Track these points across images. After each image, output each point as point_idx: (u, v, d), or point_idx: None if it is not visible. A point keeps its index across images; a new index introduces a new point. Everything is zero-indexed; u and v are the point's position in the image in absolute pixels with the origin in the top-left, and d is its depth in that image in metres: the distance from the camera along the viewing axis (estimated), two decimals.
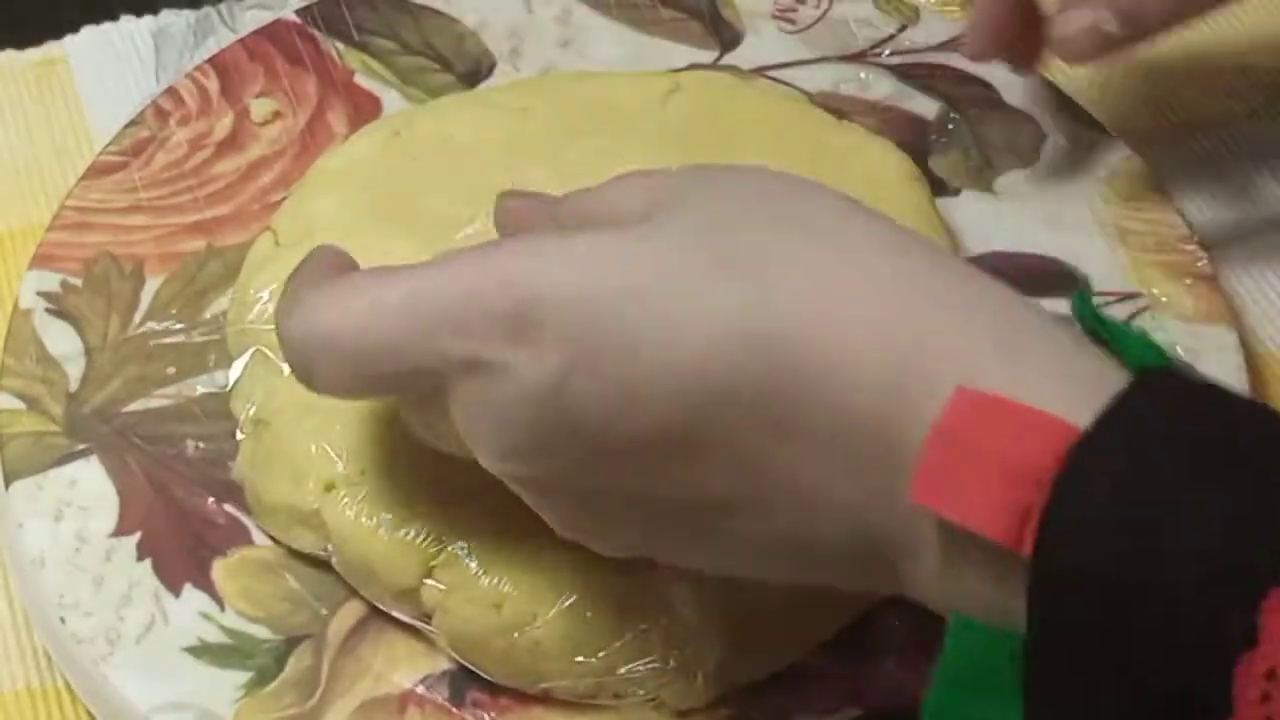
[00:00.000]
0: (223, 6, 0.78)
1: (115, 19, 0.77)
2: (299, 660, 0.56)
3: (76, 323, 0.63)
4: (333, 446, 0.57)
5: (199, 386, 0.62)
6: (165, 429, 0.61)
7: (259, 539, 0.58)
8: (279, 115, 0.70)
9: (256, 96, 0.70)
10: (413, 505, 0.56)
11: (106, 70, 0.75)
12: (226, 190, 0.67)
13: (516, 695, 0.55)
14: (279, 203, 0.66)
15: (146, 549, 0.58)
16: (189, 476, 0.60)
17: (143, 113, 0.69)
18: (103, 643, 0.56)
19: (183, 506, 0.59)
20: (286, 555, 0.58)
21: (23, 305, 0.64)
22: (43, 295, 0.64)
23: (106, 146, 0.69)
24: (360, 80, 0.71)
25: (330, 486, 0.57)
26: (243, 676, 0.55)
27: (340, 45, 0.72)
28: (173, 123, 0.69)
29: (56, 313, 0.63)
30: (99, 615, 0.57)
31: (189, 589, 0.57)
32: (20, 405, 0.61)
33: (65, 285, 0.64)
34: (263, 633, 0.56)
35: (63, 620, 0.57)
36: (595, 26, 0.73)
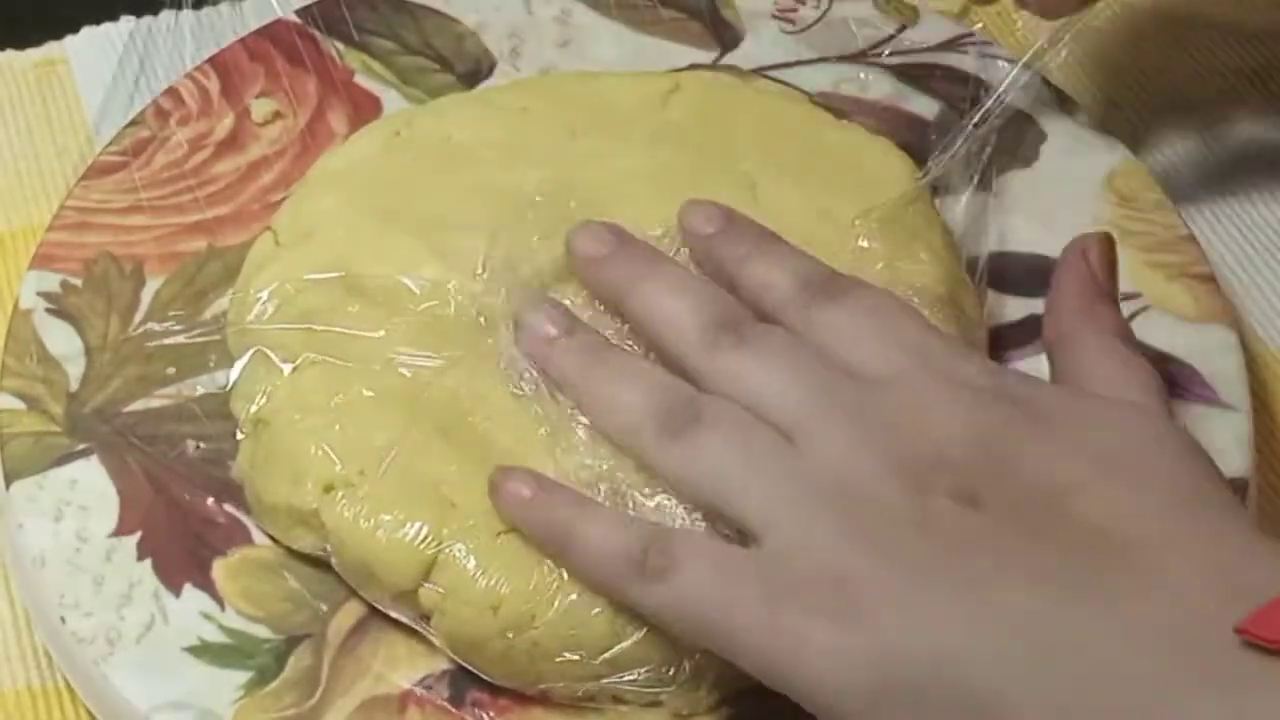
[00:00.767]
0: (223, 6, 0.78)
1: (115, 19, 0.77)
2: (299, 660, 0.56)
3: (77, 323, 0.63)
4: (332, 447, 0.57)
5: (199, 386, 0.62)
6: (165, 429, 0.61)
7: (259, 539, 0.58)
8: (279, 115, 0.70)
9: (257, 96, 0.70)
10: (411, 507, 0.56)
11: (106, 70, 0.75)
12: (227, 190, 0.67)
13: (516, 695, 0.55)
14: (279, 203, 0.66)
15: (147, 549, 0.58)
16: (189, 476, 0.60)
17: (143, 113, 0.69)
18: (103, 642, 0.56)
19: (183, 506, 0.59)
20: (287, 555, 0.58)
21: (23, 305, 0.64)
22: (43, 295, 0.64)
23: (107, 146, 0.69)
24: (360, 80, 0.71)
25: (329, 487, 0.57)
26: (243, 676, 0.56)
27: (340, 45, 0.72)
28: (173, 123, 0.69)
29: (57, 313, 0.63)
30: (99, 615, 0.57)
31: (189, 589, 0.57)
32: (20, 405, 0.61)
33: (65, 285, 0.64)
34: (263, 632, 0.56)
35: (63, 620, 0.57)
36: (595, 27, 0.73)
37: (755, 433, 0.53)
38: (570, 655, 0.54)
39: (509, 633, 0.54)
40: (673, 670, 0.54)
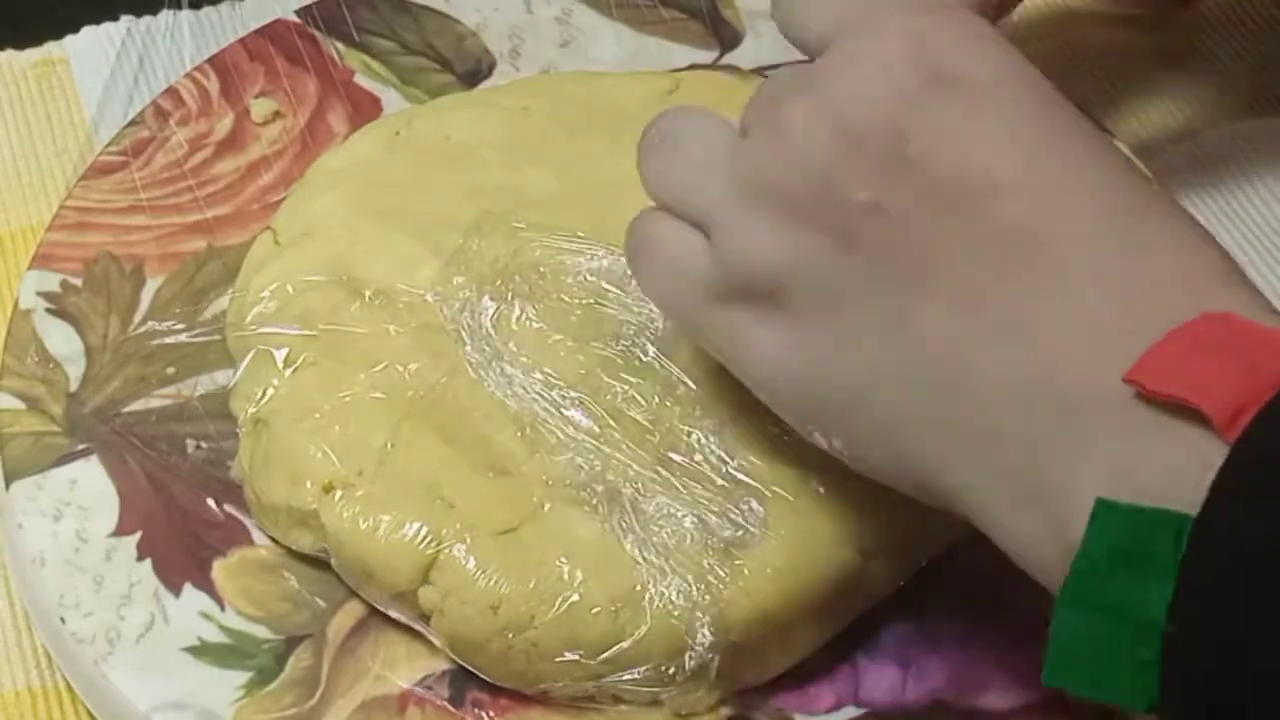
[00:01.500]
0: (223, 6, 0.78)
1: (115, 19, 0.77)
2: (299, 660, 0.56)
3: (77, 323, 0.63)
4: (331, 447, 0.57)
5: (199, 386, 0.62)
6: (165, 429, 0.61)
7: (259, 539, 0.58)
8: (279, 115, 0.70)
9: (256, 96, 0.70)
10: (410, 507, 0.56)
11: (106, 70, 0.75)
12: (226, 190, 0.67)
13: (516, 695, 0.55)
14: (279, 202, 0.66)
15: (146, 549, 0.58)
16: (189, 476, 0.60)
17: (143, 113, 0.69)
18: (103, 642, 0.56)
19: (183, 506, 0.59)
20: (286, 555, 0.58)
21: (23, 305, 0.64)
22: (43, 295, 0.64)
23: (106, 146, 0.69)
24: (360, 80, 0.71)
25: (328, 487, 0.57)
26: (243, 676, 0.56)
27: (340, 45, 0.72)
28: (173, 123, 0.69)
29: (57, 313, 0.63)
30: (99, 615, 0.57)
31: (189, 589, 0.57)
32: (20, 405, 0.61)
33: (65, 285, 0.64)
34: (263, 632, 0.56)
35: (63, 620, 0.57)
36: (595, 26, 0.73)
37: (710, 130, 0.54)
38: (570, 655, 0.54)
39: (508, 633, 0.54)
40: (673, 670, 0.54)
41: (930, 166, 0.49)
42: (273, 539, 0.58)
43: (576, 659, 0.54)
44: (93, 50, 0.76)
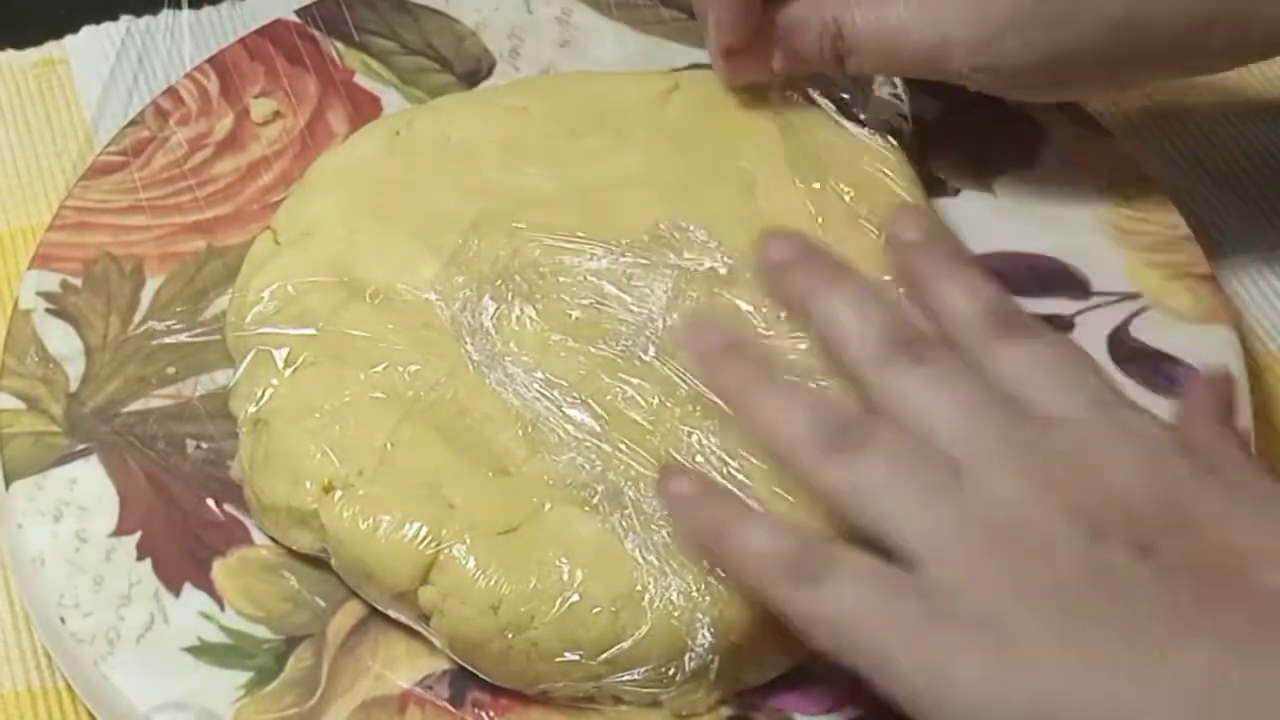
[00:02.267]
0: (223, 6, 0.78)
1: (115, 19, 0.77)
2: (299, 660, 0.56)
3: (76, 323, 0.63)
4: (331, 447, 0.57)
5: (199, 386, 0.62)
6: (165, 429, 0.61)
7: (259, 539, 0.58)
8: (279, 115, 0.70)
9: (256, 96, 0.70)
10: (410, 507, 0.56)
11: (106, 70, 0.75)
12: (226, 190, 0.67)
13: (516, 696, 0.55)
14: (279, 202, 0.66)
15: (146, 549, 0.58)
16: (189, 476, 0.60)
17: (143, 113, 0.69)
18: (102, 642, 0.56)
19: (183, 506, 0.59)
20: (286, 555, 0.58)
21: (23, 305, 0.64)
22: (43, 295, 0.64)
23: (106, 146, 0.69)
24: (360, 80, 0.71)
25: (328, 487, 0.57)
26: (243, 676, 0.56)
27: (340, 45, 0.72)
28: (173, 123, 0.69)
29: (56, 312, 0.63)
30: (99, 615, 0.57)
31: (189, 589, 0.57)
32: (20, 405, 0.61)
33: (65, 285, 0.64)
34: (263, 632, 0.56)
35: (62, 620, 0.57)
36: (595, 26, 0.73)
37: (924, 460, 0.51)
38: (570, 655, 0.54)
39: (508, 633, 0.54)
40: (672, 670, 0.54)
41: (1202, 533, 0.49)
42: (273, 539, 0.58)
43: (576, 659, 0.54)
44: (93, 50, 0.76)
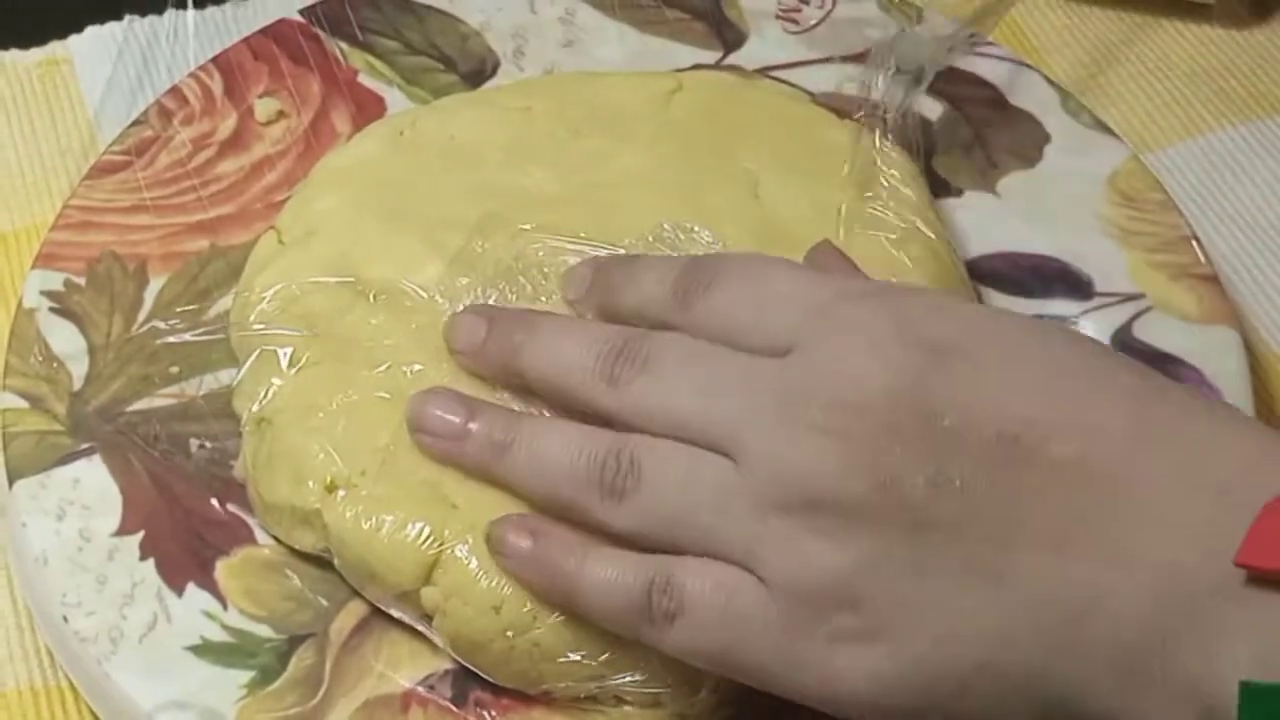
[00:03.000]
0: (227, 6, 0.78)
1: (119, 18, 0.77)
2: (301, 659, 0.56)
3: (80, 322, 0.63)
4: (334, 447, 0.57)
5: (202, 386, 0.62)
6: (168, 428, 0.61)
7: (262, 538, 0.59)
8: (283, 115, 0.70)
9: (260, 96, 0.70)
10: (413, 508, 0.56)
11: (110, 69, 0.75)
12: (230, 190, 0.67)
13: (519, 695, 0.55)
14: (283, 202, 0.66)
15: (149, 548, 0.58)
16: (192, 476, 0.60)
17: (147, 112, 0.69)
18: (106, 641, 0.56)
19: (186, 506, 0.59)
20: (289, 554, 0.58)
21: (27, 304, 0.64)
22: (46, 294, 0.64)
23: (110, 146, 0.69)
24: (364, 80, 0.71)
25: (331, 487, 0.57)
26: (245, 675, 0.56)
27: (344, 45, 0.72)
28: (176, 122, 0.69)
29: (60, 312, 0.63)
30: (102, 614, 0.57)
31: (192, 588, 0.57)
32: (24, 404, 0.61)
33: (69, 284, 0.64)
34: (265, 632, 0.57)
35: (66, 619, 0.57)
36: (599, 27, 0.73)
37: (697, 466, 0.51)
38: (572, 656, 0.54)
39: (511, 634, 0.54)
40: (673, 671, 0.54)
41: (971, 432, 0.49)
42: (275, 538, 0.58)
43: (579, 660, 0.54)
44: (96, 49, 0.76)
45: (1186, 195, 0.72)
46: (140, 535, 0.58)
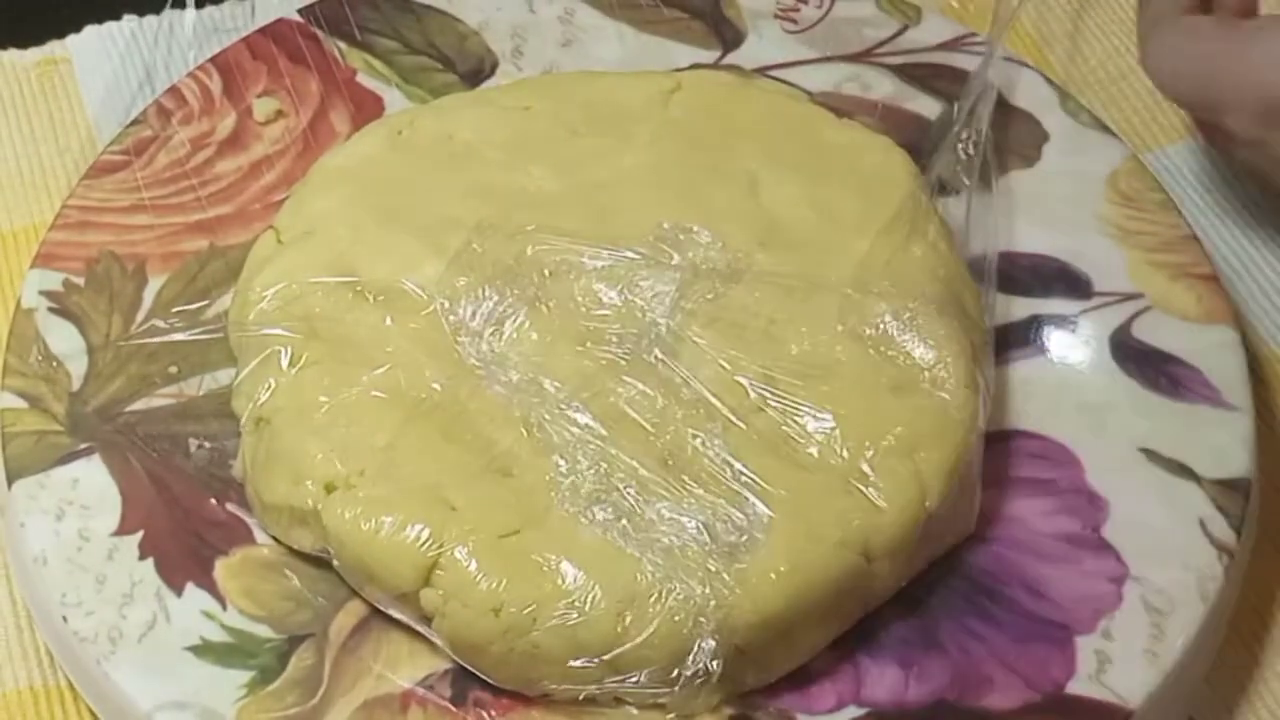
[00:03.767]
0: (226, 5, 0.78)
1: (118, 18, 0.77)
2: (301, 659, 0.56)
3: (79, 322, 0.63)
4: (333, 447, 0.57)
5: (201, 385, 0.62)
6: (167, 428, 0.61)
7: (261, 538, 0.59)
8: (281, 114, 0.70)
9: (259, 96, 0.70)
10: (412, 509, 0.56)
11: (109, 69, 0.75)
12: (229, 189, 0.67)
13: (519, 696, 0.55)
14: (281, 202, 0.66)
15: (149, 548, 0.58)
16: (191, 476, 0.60)
17: (145, 112, 0.69)
18: (105, 641, 0.56)
19: (185, 505, 0.59)
20: (288, 554, 0.58)
21: (25, 304, 0.64)
22: (45, 294, 0.64)
23: (109, 146, 0.69)
24: (362, 79, 0.71)
25: (330, 487, 0.57)
26: (245, 675, 0.56)
27: (343, 44, 0.72)
28: (175, 122, 0.69)
29: (59, 312, 0.63)
30: (101, 614, 0.57)
31: (191, 588, 0.57)
32: (23, 404, 0.61)
33: (68, 284, 0.64)
34: (265, 632, 0.57)
35: (65, 619, 0.57)
36: (598, 26, 0.73)
37: None
38: (572, 659, 0.54)
39: (510, 636, 0.54)
40: (675, 673, 0.54)
41: None
42: (275, 538, 0.58)
43: (578, 662, 0.54)
44: (95, 49, 0.76)
45: (1186, 195, 0.72)
46: (139, 535, 0.58)
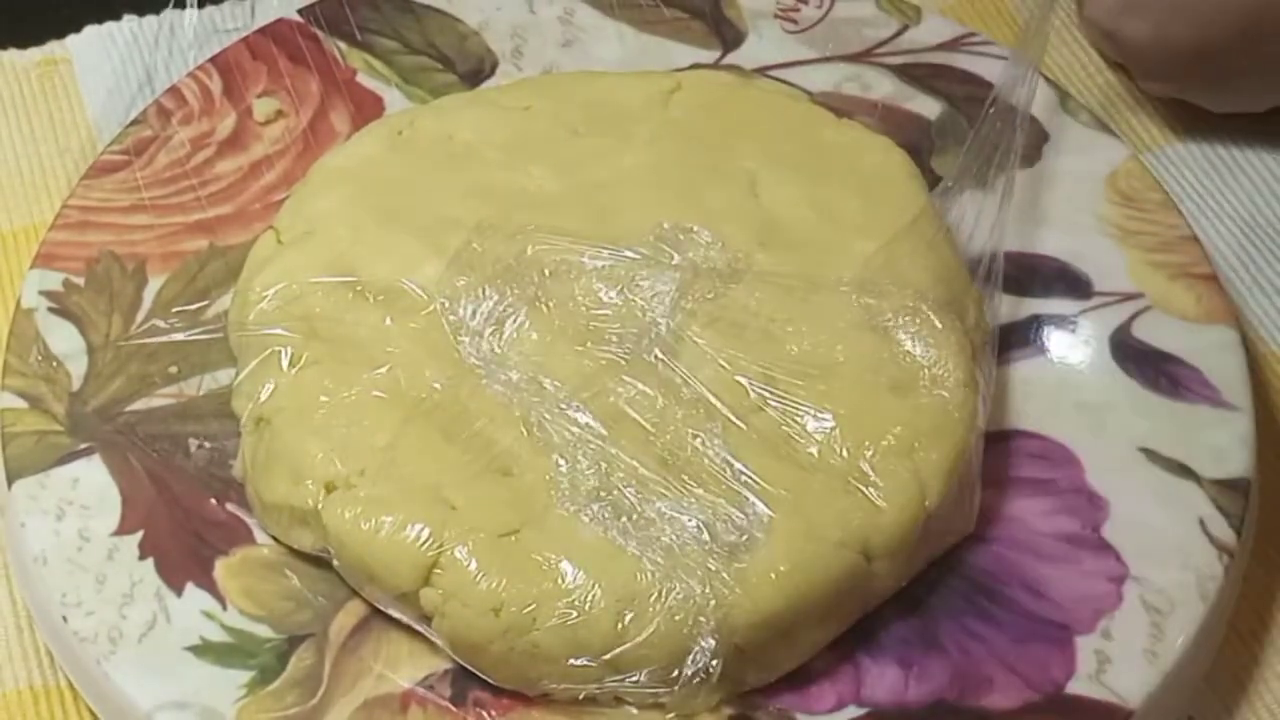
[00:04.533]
0: (226, 5, 0.78)
1: (118, 18, 0.77)
2: (301, 659, 0.56)
3: (79, 322, 0.63)
4: (333, 447, 0.57)
5: (201, 385, 0.62)
6: (167, 428, 0.61)
7: (261, 538, 0.59)
8: (281, 114, 0.70)
9: (259, 96, 0.70)
10: (412, 509, 0.56)
11: (109, 69, 0.75)
12: (229, 189, 0.67)
13: (519, 695, 0.55)
14: (281, 202, 0.66)
15: (149, 548, 0.58)
16: (191, 476, 0.60)
17: (145, 112, 0.69)
18: (105, 641, 0.56)
19: (185, 505, 0.59)
20: (288, 554, 0.58)
21: (25, 304, 0.64)
22: (45, 294, 0.64)
23: (109, 145, 0.69)
24: (362, 80, 0.71)
25: (330, 487, 0.57)
26: (245, 675, 0.56)
27: (343, 45, 0.72)
28: (175, 122, 0.69)
29: (59, 312, 0.63)
30: (101, 614, 0.57)
31: (191, 588, 0.57)
32: (23, 404, 0.61)
33: (68, 284, 0.64)
34: (265, 631, 0.57)
35: (65, 619, 0.57)
36: (598, 26, 0.73)
37: None
38: (572, 658, 0.54)
39: (510, 635, 0.54)
40: (675, 673, 0.54)
41: None
42: (275, 538, 0.58)
43: (578, 661, 0.54)
44: (95, 49, 0.76)
45: (1186, 195, 0.72)
46: (139, 535, 0.58)
